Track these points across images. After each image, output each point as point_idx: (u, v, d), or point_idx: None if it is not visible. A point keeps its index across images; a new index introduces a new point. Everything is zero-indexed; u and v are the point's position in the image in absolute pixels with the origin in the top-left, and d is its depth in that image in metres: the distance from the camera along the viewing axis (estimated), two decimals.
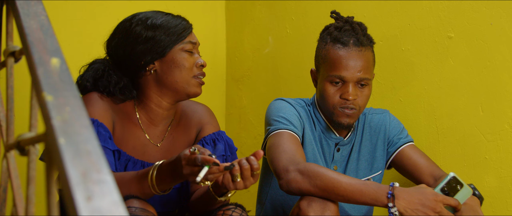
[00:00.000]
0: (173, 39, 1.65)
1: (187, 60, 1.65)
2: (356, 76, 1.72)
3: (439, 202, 1.48)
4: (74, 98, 0.76)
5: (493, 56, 1.86)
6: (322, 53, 1.77)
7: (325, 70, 1.75)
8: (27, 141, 0.85)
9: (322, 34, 1.83)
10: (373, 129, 1.89)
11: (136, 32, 1.65)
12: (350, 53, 1.72)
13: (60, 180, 0.67)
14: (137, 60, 1.65)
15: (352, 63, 1.72)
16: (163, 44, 1.64)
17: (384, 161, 1.88)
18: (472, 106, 1.91)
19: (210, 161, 1.35)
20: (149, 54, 1.63)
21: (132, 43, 1.65)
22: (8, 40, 1.09)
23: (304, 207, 1.51)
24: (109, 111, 1.62)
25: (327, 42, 1.77)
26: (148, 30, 1.64)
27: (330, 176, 1.53)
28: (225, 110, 2.82)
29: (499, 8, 1.84)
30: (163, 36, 1.64)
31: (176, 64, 1.64)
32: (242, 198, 2.58)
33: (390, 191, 1.49)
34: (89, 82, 1.66)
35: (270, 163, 1.67)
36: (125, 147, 1.64)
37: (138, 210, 1.39)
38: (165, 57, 1.64)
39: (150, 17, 1.67)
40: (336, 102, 1.74)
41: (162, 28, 1.65)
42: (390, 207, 1.48)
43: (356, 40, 1.74)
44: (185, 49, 1.66)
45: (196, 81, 1.67)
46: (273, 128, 1.73)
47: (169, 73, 1.65)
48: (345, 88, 1.72)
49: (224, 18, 2.82)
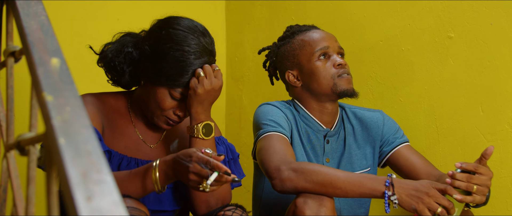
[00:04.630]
0: (166, 79, 1.58)
1: (166, 102, 1.60)
2: (337, 46, 1.84)
3: (433, 188, 1.48)
4: (74, 98, 0.76)
5: (493, 56, 1.86)
6: (296, 45, 1.86)
7: (307, 54, 1.83)
8: (27, 141, 0.85)
9: (281, 42, 1.92)
10: (364, 124, 1.89)
11: (158, 42, 1.60)
12: (319, 30, 1.89)
13: (60, 180, 0.67)
14: (142, 65, 1.63)
15: (327, 36, 1.86)
16: (158, 76, 1.58)
17: (374, 158, 1.88)
18: (472, 106, 1.91)
19: (222, 169, 1.33)
20: (147, 71, 1.61)
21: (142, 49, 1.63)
22: (8, 40, 1.09)
23: (300, 204, 1.50)
24: (98, 114, 1.62)
25: (294, 37, 1.88)
26: (162, 46, 1.58)
27: (325, 170, 1.53)
28: (225, 110, 2.82)
29: (499, 8, 1.84)
30: (163, 69, 1.57)
31: (155, 97, 1.60)
32: (242, 198, 2.58)
33: (388, 180, 1.50)
34: (112, 53, 1.64)
35: (260, 165, 1.66)
36: (117, 147, 1.63)
37: (130, 209, 1.39)
38: (152, 86, 1.61)
39: (180, 42, 1.58)
40: (333, 73, 1.80)
41: (173, 61, 1.57)
42: (388, 196, 1.48)
43: (312, 25, 1.92)
44: (172, 94, 1.60)
45: (165, 119, 1.63)
46: (262, 131, 1.73)
47: (147, 97, 1.63)
48: (333, 59, 1.82)
49: (224, 18, 2.82)
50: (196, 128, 1.61)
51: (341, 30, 2.27)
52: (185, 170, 1.39)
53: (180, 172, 1.41)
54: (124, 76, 1.65)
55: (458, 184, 1.49)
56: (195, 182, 1.39)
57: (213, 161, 1.34)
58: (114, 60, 1.64)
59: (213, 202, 1.63)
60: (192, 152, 1.39)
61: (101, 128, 1.61)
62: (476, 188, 1.50)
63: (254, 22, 2.68)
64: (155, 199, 1.63)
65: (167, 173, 1.44)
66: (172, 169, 1.43)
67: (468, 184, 1.49)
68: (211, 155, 1.37)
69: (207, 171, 1.35)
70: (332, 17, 2.33)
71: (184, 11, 1.81)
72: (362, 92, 2.15)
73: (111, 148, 1.61)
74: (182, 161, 1.39)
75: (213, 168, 1.34)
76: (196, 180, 1.38)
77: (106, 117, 1.65)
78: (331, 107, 1.85)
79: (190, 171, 1.38)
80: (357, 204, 1.86)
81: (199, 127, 1.61)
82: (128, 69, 1.64)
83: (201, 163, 1.37)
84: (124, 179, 1.47)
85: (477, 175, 1.50)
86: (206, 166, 1.36)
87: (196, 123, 1.61)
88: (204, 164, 1.36)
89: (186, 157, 1.39)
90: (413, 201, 1.48)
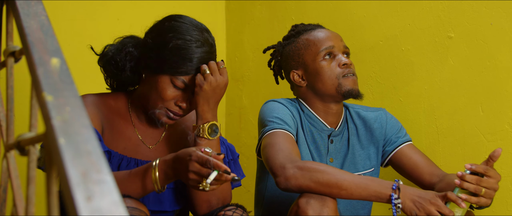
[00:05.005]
0: (168, 67, 1.58)
1: (168, 91, 1.59)
2: (342, 45, 1.84)
3: (436, 197, 1.48)
4: (74, 98, 0.76)
5: (493, 56, 1.86)
6: (301, 45, 1.85)
7: (312, 54, 1.82)
8: (27, 141, 0.85)
9: (286, 41, 1.91)
10: (368, 124, 1.89)
11: (159, 34, 1.62)
12: (324, 30, 1.87)
13: (60, 180, 0.67)
14: (144, 56, 1.64)
15: (332, 35, 1.85)
16: (160, 64, 1.58)
17: (377, 159, 1.88)
18: (472, 106, 1.91)
19: (222, 168, 1.33)
20: (149, 62, 1.61)
21: (144, 43, 1.65)
22: (8, 40, 1.09)
23: (303, 204, 1.49)
24: (98, 114, 1.62)
25: (299, 36, 1.87)
26: (163, 37, 1.60)
27: (331, 171, 1.52)
28: (225, 110, 2.82)
29: (499, 8, 1.84)
30: (165, 57, 1.58)
31: (157, 87, 1.59)
32: (243, 198, 2.58)
33: (394, 184, 1.50)
34: (113, 52, 1.67)
35: (265, 162, 1.65)
36: (116, 147, 1.63)
37: (130, 209, 1.38)
38: (154, 76, 1.61)
39: (182, 32, 1.60)
40: (338, 73, 1.79)
41: (174, 51, 1.58)
42: (394, 199, 1.48)
43: (317, 24, 1.91)
44: (174, 83, 1.59)
45: (166, 112, 1.61)
46: (268, 128, 1.73)
47: (149, 89, 1.62)
48: (338, 58, 1.81)
49: (224, 18, 2.82)
50: (202, 127, 1.61)
51: (341, 30, 2.27)
52: (185, 169, 1.39)
53: (179, 171, 1.41)
54: (125, 72, 1.65)
55: (466, 186, 1.49)
56: (195, 181, 1.39)
57: (212, 160, 1.34)
58: (115, 57, 1.65)
59: (214, 202, 1.63)
60: (191, 151, 1.38)
61: (101, 128, 1.61)
62: (484, 191, 1.50)
63: (254, 22, 2.68)
64: (155, 199, 1.63)
65: (166, 173, 1.44)
66: (172, 168, 1.43)
67: (477, 186, 1.49)
68: (210, 154, 1.37)
69: (207, 170, 1.35)
70: (332, 17, 2.33)
71: (184, 11, 1.81)
72: (362, 92, 2.15)
73: (111, 148, 1.61)
74: (180, 161, 1.39)
75: (213, 167, 1.34)
76: (196, 179, 1.38)
77: (106, 117, 1.65)
78: (335, 108, 1.85)
79: (189, 170, 1.38)
80: (360, 205, 1.86)
81: (205, 127, 1.60)
82: (129, 64, 1.65)
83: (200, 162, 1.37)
84: (124, 179, 1.47)
85: (485, 178, 1.50)
86: (205, 165, 1.35)
87: (202, 122, 1.61)
88: (203, 163, 1.35)
89: (185, 156, 1.39)
90: (416, 207, 1.48)
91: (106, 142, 1.61)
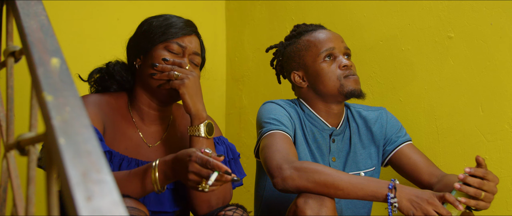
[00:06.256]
0: (159, 35, 1.64)
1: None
2: (343, 46, 1.83)
3: (434, 197, 1.48)
4: (74, 98, 0.76)
5: (493, 56, 1.86)
6: (301, 46, 1.85)
7: (312, 56, 1.82)
8: (27, 141, 0.85)
9: (287, 41, 1.91)
10: (369, 124, 1.89)
11: (140, 27, 1.70)
12: (326, 31, 1.87)
13: (60, 180, 0.67)
14: (130, 53, 1.69)
15: (333, 36, 1.85)
16: (149, 39, 1.64)
17: (378, 158, 1.88)
18: (472, 106, 1.91)
19: (222, 169, 1.33)
20: (137, 47, 1.65)
21: (133, 37, 1.71)
22: (8, 40, 1.09)
23: (301, 204, 1.50)
24: (99, 114, 1.62)
25: (300, 37, 1.87)
26: (145, 25, 1.68)
27: (328, 171, 1.53)
28: (225, 110, 2.82)
29: (499, 8, 1.84)
30: (153, 31, 1.65)
31: (154, 61, 1.63)
32: (243, 198, 2.58)
33: (391, 183, 1.50)
34: (101, 72, 1.73)
35: (263, 163, 1.66)
36: (117, 147, 1.63)
37: (130, 209, 1.38)
38: (148, 54, 1.65)
39: (157, 16, 1.69)
40: (339, 74, 1.79)
41: (157, 25, 1.65)
42: (390, 198, 1.48)
43: (319, 25, 1.90)
44: (169, 48, 1.63)
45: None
46: (265, 129, 1.73)
47: (146, 71, 1.64)
48: (339, 60, 1.81)
49: (224, 18, 2.82)
50: (199, 127, 1.61)
51: (341, 30, 2.27)
52: (185, 170, 1.39)
53: (179, 172, 1.41)
54: (120, 73, 1.69)
55: (466, 190, 1.49)
56: (194, 182, 1.38)
57: (213, 160, 1.34)
58: (102, 71, 1.73)
59: (214, 202, 1.63)
60: (191, 151, 1.38)
61: (102, 128, 1.61)
62: (484, 194, 1.50)
63: (254, 22, 2.68)
64: (155, 200, 1.63)
65: (166, 173, 1.44)
66: (172, 169, 1.43)
67: (477, 190, 1.49)
68: (210, 155, 1.37)
69: (207, 171, 1.34)
70: (332, 17, 2.33)
71: (184, 11, 1.82)
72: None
73: (112, 148, 1.61)
74: (180, 162, 1.39)
75: (213, 168, 1.34)
76: (196, 180, 1.38)
77: (108, 117, 1.65)
78: (337, 108, 1.85)
79: (189, 171, 1.38)
80: (361, 204, 1.86)
81: (203, 126, 1.61)
82: (122, 69, 1.71)
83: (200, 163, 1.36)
84: (124, 179, 1.47)
85: (485, 181, 1.50)
86: (205, 166, 1.35)
87: (199, 122, 1.62)
88: (203, 164, 1.35)
89: (185, 156, 1.39)
90: (413, 207, 1.48)
91: (108, 142, 1.62)
